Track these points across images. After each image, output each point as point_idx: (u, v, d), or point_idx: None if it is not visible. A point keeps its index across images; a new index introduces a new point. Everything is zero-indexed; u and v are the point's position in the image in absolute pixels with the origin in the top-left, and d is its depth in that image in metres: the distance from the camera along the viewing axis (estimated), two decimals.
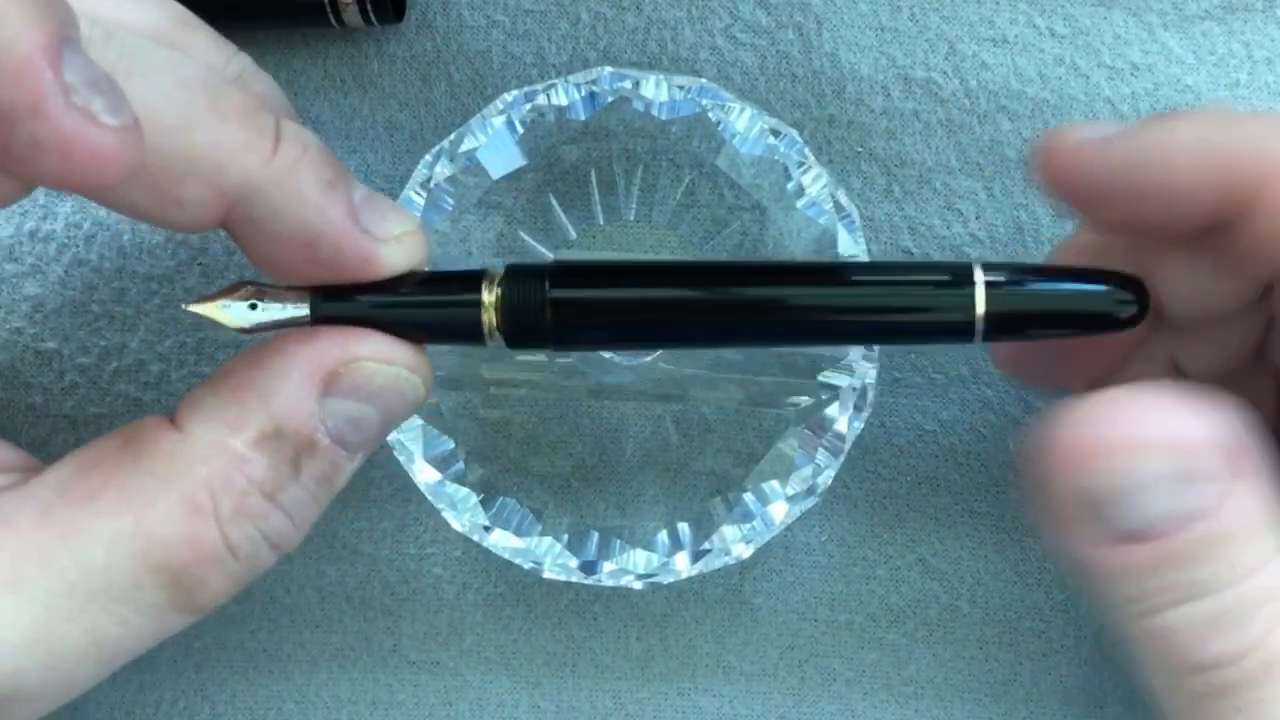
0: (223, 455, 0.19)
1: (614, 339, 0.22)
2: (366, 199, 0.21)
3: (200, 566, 0.19)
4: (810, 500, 0.26)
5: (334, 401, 0.20)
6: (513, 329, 0.21)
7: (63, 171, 0.17)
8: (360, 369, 0.20)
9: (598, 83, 0.25)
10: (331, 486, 0.21)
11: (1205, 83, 0.28)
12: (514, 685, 0.30)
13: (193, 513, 0.19)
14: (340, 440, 0.20)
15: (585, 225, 0.28)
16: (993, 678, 0.29)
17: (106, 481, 0.19)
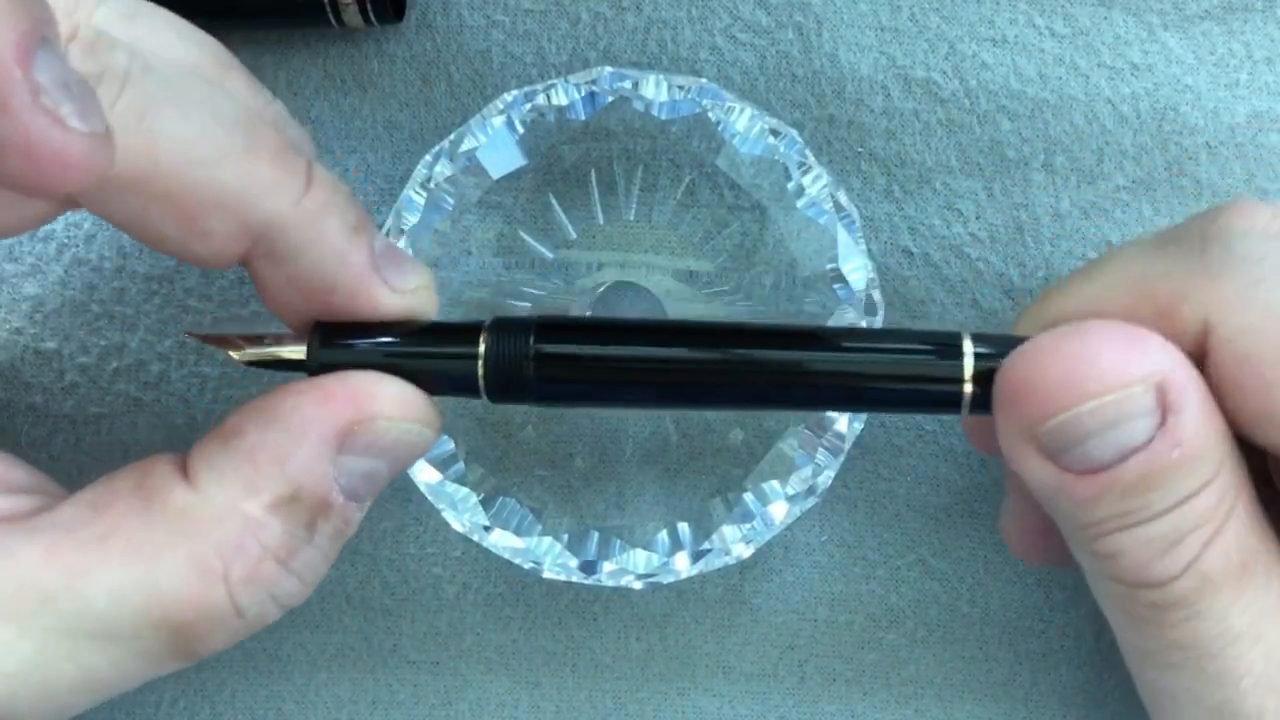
0: (236, 519, 0.19)
1: (598, 397, 0.22)
2: (386, 249, 0.21)
3: (204, 625, 0.19)
4: (810, 500, 0.26)
5: (347, 459, 0.20)
6: (494, 383, 0.21)
7: (25, 172, 0.16)
8: (374, 427, 0.20)
9: (598, 83, 0.25)
10: (342, 541, 0.21)
11: (1205, 83, 0.28)
12: (514, 685, 0.30)
13: (202, 574, 0.19)
14: (353, 495, 0.20)
15: (585, 225, 0.28)
16: (992, 678, 0.29)
17: (116, 528, 0.19)
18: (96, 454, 0.28)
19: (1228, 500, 0.20)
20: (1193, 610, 0.20)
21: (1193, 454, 0.19)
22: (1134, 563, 0.20)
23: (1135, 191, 0.28)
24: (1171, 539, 0.19)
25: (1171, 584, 0.20)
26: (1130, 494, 0.19)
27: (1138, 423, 0.19)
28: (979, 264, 0.28)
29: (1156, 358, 0.19)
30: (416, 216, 0.26)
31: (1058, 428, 0.19)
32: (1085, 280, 0.21)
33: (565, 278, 0.28)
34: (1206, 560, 0.19)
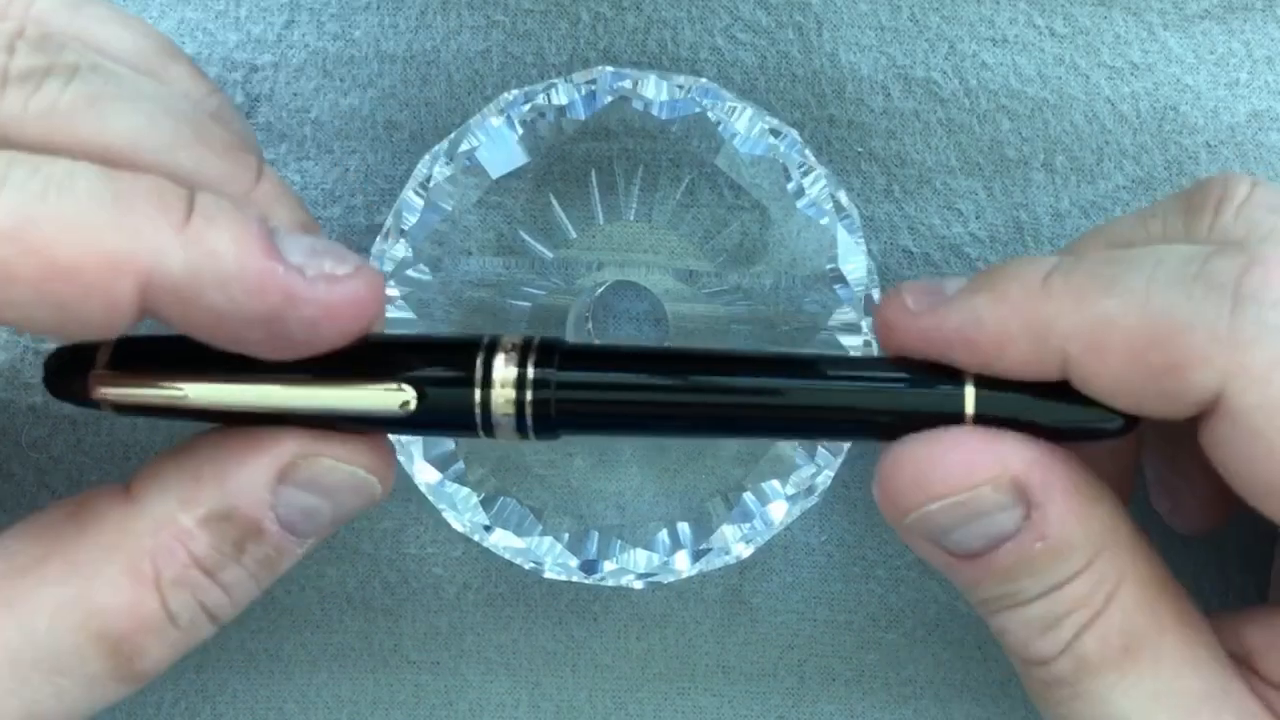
0: (169, 528, 0.19)
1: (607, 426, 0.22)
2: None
3: (141, 635, 0.19)
4: (810, 500, 0.26)
5: (288, 491, 0.20)
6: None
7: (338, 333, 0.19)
8: (317, 464, 0.20)
9: (598, 82, 0.25)
10: (274, 570, 0.21)
11: (1205, 82, 0.28)
12: (514, 685, 0.30)
13: (136, 581, 0.19)
14: (290, 527, 0.20)
15: (585, 225, 0.28)
16: (991, 678, 0.29)
17: (52, 550, 0.19)
18: (96, 454, 0.28)
19: (1106, 586, 0.20)
20: (1073, 690, 0.20)
21: (1057, 545, 0.20)
22: (1017, 641, 0.21)
23: (1135, 191, 0.28)
24: (1047, 622, 0.20)
25: (1051, 664, 0.20)
26: (1005, 579, 0.20)
27: (1000, 515, 0.20)
28: (979, 264, 0.28)
29: (1010, 459, 0.20)
30: (416, 216, 0.26)
31: (915, 522, 0.20)
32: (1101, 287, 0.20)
33: (565, 278, 0.28)
34: (1083, 644, 0.20)
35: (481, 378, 0.20)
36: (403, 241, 0.26)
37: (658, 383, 0.21)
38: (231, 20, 0.27)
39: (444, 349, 0.21)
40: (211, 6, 0.27)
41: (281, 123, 0.28)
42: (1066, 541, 0.20)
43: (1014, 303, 0.20)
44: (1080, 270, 0.20)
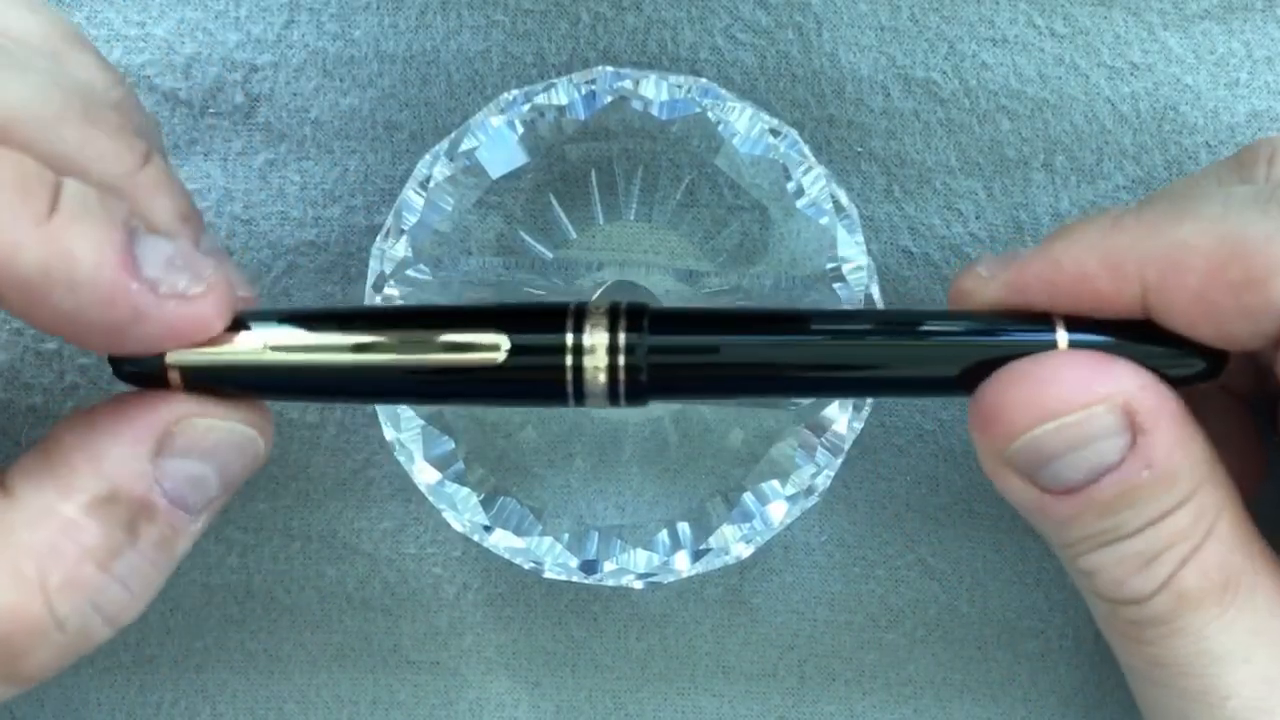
0: (52, 521, 0.19)
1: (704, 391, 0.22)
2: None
3: (25, 638, 0.18)
4: (809, 500, 0.26)
5: (170, 461, 0.19)
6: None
7: (178, 344, 0.19)
8: (193, 426, 0.20)
9: (597, 82, 0.25)
10: (173, 551, 0.20)
11: (1205, 82, 0.28)
12: (514, 685, 0.30)
13: (17, 583, 0.18)
14: (180, 502, 0.20)
15: (585, 225, 0.28)
16: (991, 678, 0.29)
17: None
18: None
19: (1206, 519, 0.20)
20: (1170, 628, 0.20)
21: (1164, 474, 0.20)
22: (1111, 580, 0.20)
23: (1135, 191, 0.28)
24: (1146, 557, 0.20)
25: (1148, 601, 0.20)
26: (1105, 513, 0.20)
27: (1106, 443, 0.19)
28: None
29: (1123, 381, 0.20)
30: (416, 216, 0.26)
31: (1022, 448, 0.20)
32: (1174, 218, 0.20)
33: (565, 277, 0.28)
34: (1183, 578, 0.20)
35: (573, 345, 0.20)
36: (403, 241, 0.26)
37: (750, 343, 0.21)
38: (231, 20, 0.27)
39: (532, 315, 0.20)
40: (211, 6, 0.27)
41: (281, 123, 0.28)
42: (1172, 471, 0.20)
43: (1089, 241, 0.20)
44: (1151, 207, 0.20)
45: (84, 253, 0.18)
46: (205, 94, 0.28)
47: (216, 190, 0.28)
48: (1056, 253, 0.20)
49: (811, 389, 0.22)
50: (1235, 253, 0.19)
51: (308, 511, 0.29)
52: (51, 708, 0.29)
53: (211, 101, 0.28)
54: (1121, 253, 0.20)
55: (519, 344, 0.20)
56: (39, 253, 0.17)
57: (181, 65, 0.27)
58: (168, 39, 0.27)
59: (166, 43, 0.27)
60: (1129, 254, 0.20)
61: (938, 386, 0.21)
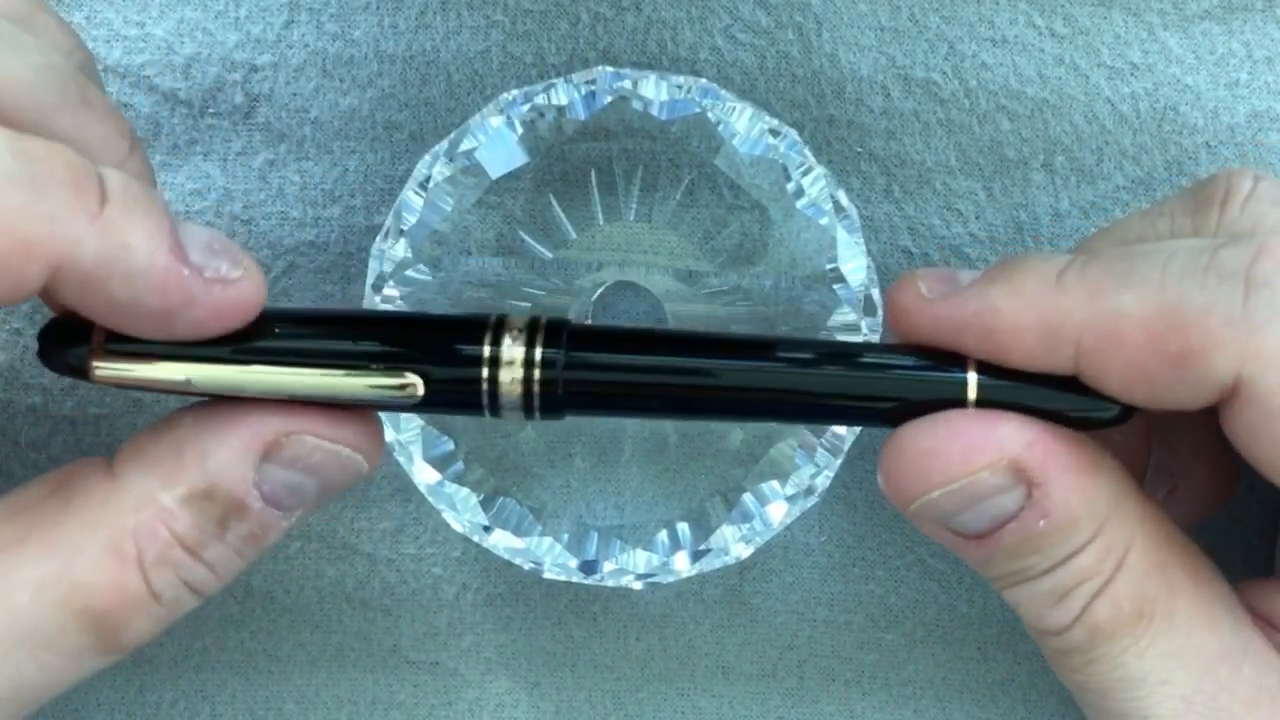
0: (151, 507, 0.19)
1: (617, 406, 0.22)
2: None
3: (124, 611, 0.20)
4: (809, 500, 0.26)
5: (272, 468, 0.20)
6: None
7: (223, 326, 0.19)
8: (300, 441, 0.20)
9: (597, 82, 0.25)
10: (261, 544, 0.21)
11: (1205, 83, 0.28)
12: (513, 685, 0.30)
13: (118, 560, 0.19)
14: (275, 503, 0.20)
15: (585, 225, 0.28)
16: (991, 678, 0.29)
17: (33, 527, 0.19)
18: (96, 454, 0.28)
19: (1115, 555, 0.20)
20: (1089, 657, 0.21)
21: (1060, 523, 0.20)
22: (1030, 614, 0.21)
23: (1135, 191, 0.28)
24: (1057, 594, 0.20)
25: (1065, 633, 0.21)
26: (1012, 557, 0.21)
27: (1000, 499, 0.20)
28: (979, 264, 0.28)
29: (1009, 442, 0.20)
30: (416, 216, 0.26)
31: (918, 510, 0.21)
32: (1115, 283, 0.20)
33: (565, 278, 0.28)
34: (1095, 612, 0.20)
35: (489, 357, 0.20)
36: (403, 241, 0.26)
37: (663, 364, 0.21)
38: (231, 20, 0.27)
39: (451, 327, 0.21)
40: (211, 6, 0.27)
41: (281, 123, 0.28)
42: (1070, 518, 0.20)
43: (1029, 296, 0.20)
44: (1094, 266, 0.20)
45: (138, 242, 0.18)
46: (205, 94, 0.28)
47: (216, 190, 0.28)
48: (995, 300, 0.20)
49: (726, 413, 0.22)
50: (1173, 325, 0.19)
51: None
52: (51, 707, 0.29)
53: (211, 101, 0.28)
54: (1060, 317, 0.20)
55: (437, 359, 0.20)
56: (96, 245, 0.18)
57: (181, 65, 0.27)
58: (167, 39, 0.27)
59: (166, 43, 0.27)
60: (1067, 319, 0.20)
61: (850, 417, 0.22)
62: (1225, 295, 0.19)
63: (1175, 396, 0.19)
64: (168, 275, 0.19)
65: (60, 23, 0.22)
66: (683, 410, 0.22)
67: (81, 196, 0.18)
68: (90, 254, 0.18)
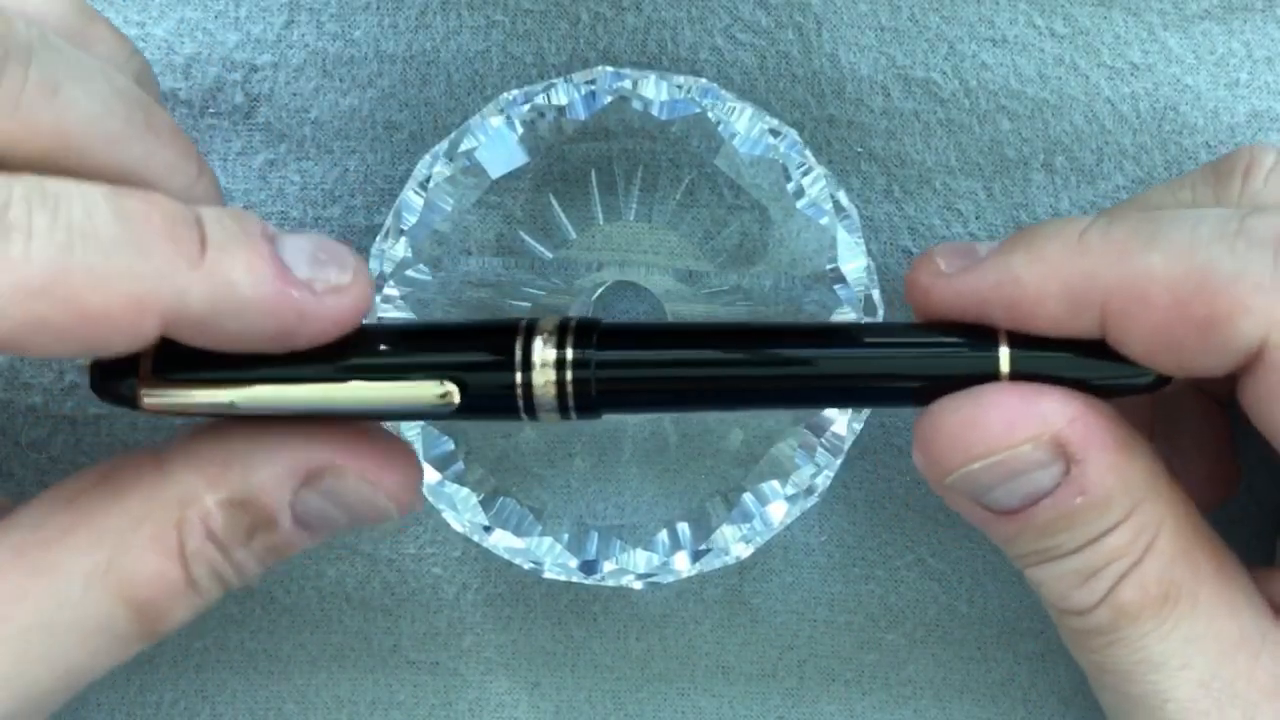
0: (195, 504, 0.20)
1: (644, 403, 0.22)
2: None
3: (166, 600, 0.20)
4: (809, 500, 0.26)
5: (309, 494, 0.21)
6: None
7: (343, 331, 0.20)
8: (343, 479, 0.21)
9: (597, 82, 0.25)
10: (279, 556, 0.22)
11: (1205, 83, 0.28)
12: (513, 685, 0.30)
13: (162, 551, 0.20)
14: (303, 525, 0.21)
15: (585, 225, 0.28)
16: (991, 678, 0.29)
17: (82, 517, 0.20)
18: (96, 454, 0.28)
19: (1145, 536, 0.20)
20: (1111, 638, 0.21)
21: (1096, 500, 0.20)
22: (1055, 592, 0.21)
23: (1135, 191, 0.28)
24: (1085, 573, 0.21)
25: (1089, 614, 0.21)
26: (1043, 534, 0.21)
27: (1038, 474, 0.20)
28: None
29: (1051, 416, 0.20)
30: (416, 216, 0.26)
31: (958, 481, 0.21)
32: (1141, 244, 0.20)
33: (565, 278, 0.28)
34: (1121, 593, 0.20)
35: (521, 361, 0.20)
36: (403, 241, 0.26)
37: (694, 358, 0.21)
38: (231, 20, 0.27)
39: (483, 334, 0.21)
40: (211, 6, 0.27)
41: (281, 123, 0.28)
42: (1106, 496, 0.20)
43: (1052, 260, 0.20)
44: (1118, 227, 0.20)
45: (241, 277, 0.19)
46: (205, 94, 0.28)
47: None
48: (1017, 268, 0.20)
49: (759, 402, 0.22)
50: (1201, 289, 0.19)
51: None
52: None
53: (211, 101, 0.28)
54: (1084, 280, 0.20)
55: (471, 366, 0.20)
56: (203, 290, 0.18)
57: (181, 65, 0.27)
58: (167, 39, 0.27)
59: (166, 43, 0.27)
60: (1092, 282, 0.19)
61: (885, 398, 0.22)
62: (1255, 261, 0.19)
63: (1198, 362, 0.19)
64: (277, 301, 0.19)
65: (114, 32, 0.22)
66: (715, 403, 0.22)
67: (182, 247, 0.18)
68: (198, 299, 0.18)
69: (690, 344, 0.21)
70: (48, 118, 0.18)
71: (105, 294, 0.18)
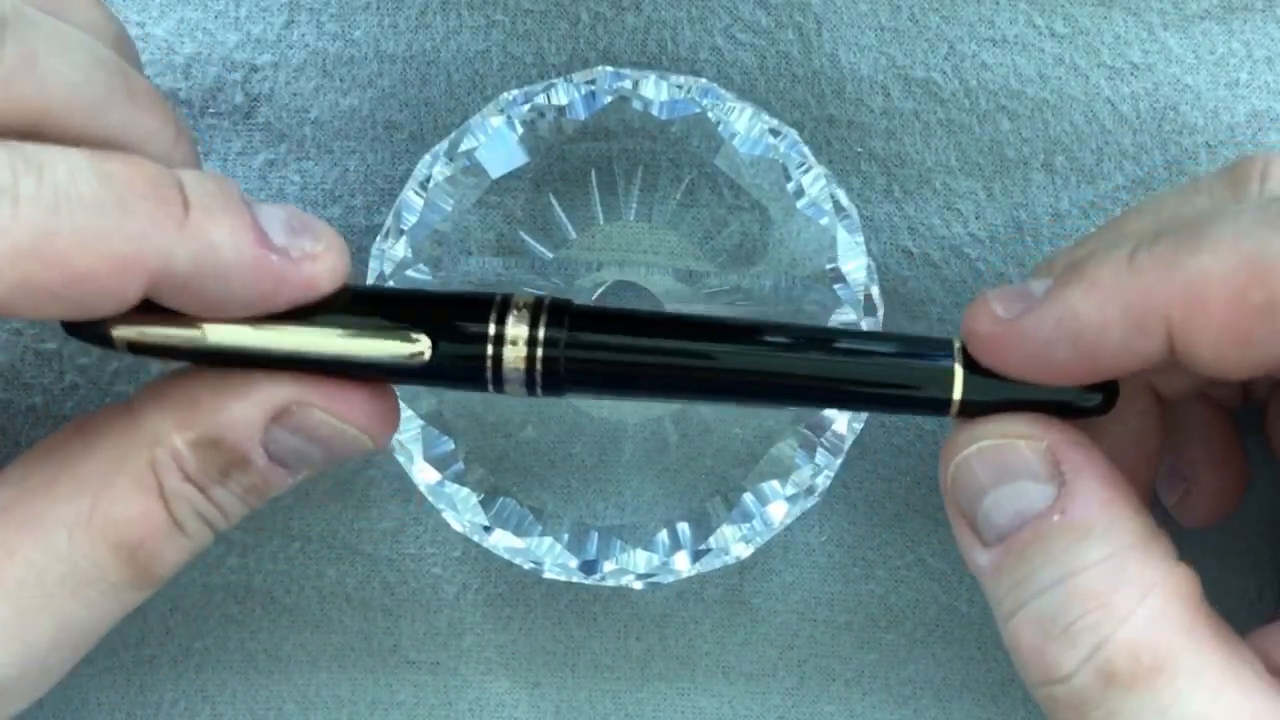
0: (165, 444, 0.20)
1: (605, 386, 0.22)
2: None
3: (154, 541, 0.20)
4: (809, 500, 0.26)
5: (279, 432, 0.21)
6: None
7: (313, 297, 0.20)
8: (309, 414, 0.21)
9: (597, 82, 0.25)
10: (263, 495, 0.22)
11: (1205, 83, 0.28)
12: (513, 685, 0.30)
13: (143, 492, 0.20)
14: (279, 461, 0.21)
15: (585, 225, 0.28)
16: (991, 678, 0.29)
17: (62, 468, 0.20)
18: None
19: (1129, 592, 0.19)
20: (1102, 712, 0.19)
21: (1074, 524, 0.20)
22: (1031, 650, 0.20)
23: (1135, 191, 0.28)
24: (1061, 622, 0.19)
25: (1072, 678, 0.19)
26: (1020, 561, 0.20)
27: (1030, 488, 0.20)
28: (979, 264, 0.28)
29: (1049, 430, 0.20)
30: (416, 216, 0.26)
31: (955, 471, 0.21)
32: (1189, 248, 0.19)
33: (565, 278, 0.28)
34: (1106, 654, 0.19)
35: (494, 334, 0.21)
36: (403, 241, 0.26)
37: (662, 346, 0.21)
38: (231, 20, 0.27)
39: (459, 304, 0.21)
40: (211, 6, 0.27)
41: (281, 123, 0.28)
42: (1085, 523, 0.20)
43: (1107, 286, 0.19)
44: (1163, 242, 0.19)
45: (224, 240, 0.19)
46: (205, 94, 0.28)
47: None
48: (1074, 302, 0.20)
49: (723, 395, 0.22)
50: (1255, 275, 0.18)
51: (308, 511, 0.29)
52: (51, 707, 0.29)
53: (211, 101, 0.28)
54: (1143, 299, 0.19)
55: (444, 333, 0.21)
56: (187, 252, 0.19)
57: (181, 65, 0.27)
58: (167, 39, 0.27)
59: (166, 43, 0.27)
60: (1151, 299, 0.19)
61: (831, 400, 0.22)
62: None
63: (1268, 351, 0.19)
64: (258, 265, 0.19)
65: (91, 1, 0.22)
66: (678, 392, 0.22)
67: (166, 208, 0.19)
68: (182, 260, 0.19)
69: (660, 333, 0.21)
70: (28, 89, 0.18)
71: (92, 254, 0.18)
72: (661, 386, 0.22)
